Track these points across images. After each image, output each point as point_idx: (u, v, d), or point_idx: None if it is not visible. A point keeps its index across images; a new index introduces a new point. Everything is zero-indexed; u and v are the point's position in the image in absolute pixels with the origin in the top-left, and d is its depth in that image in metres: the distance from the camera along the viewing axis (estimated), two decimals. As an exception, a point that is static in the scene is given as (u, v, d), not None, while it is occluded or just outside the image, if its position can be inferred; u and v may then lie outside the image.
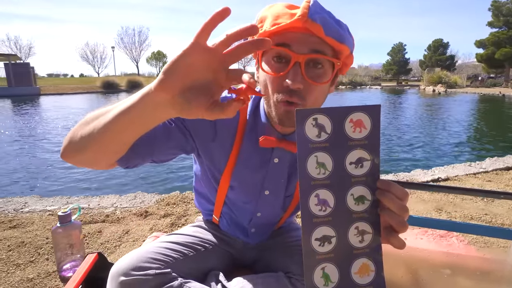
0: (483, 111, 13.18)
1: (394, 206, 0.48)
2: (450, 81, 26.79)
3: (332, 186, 0.48)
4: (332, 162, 0.48)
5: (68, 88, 24.81)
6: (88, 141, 0.53)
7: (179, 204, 2.15)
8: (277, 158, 0.77)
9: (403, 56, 47.03)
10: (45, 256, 1.51)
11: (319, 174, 0.48)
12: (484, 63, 33.57)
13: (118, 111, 0.48)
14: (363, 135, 0.47)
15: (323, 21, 0.58)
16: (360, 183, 0.49)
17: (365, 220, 0.50)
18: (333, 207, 0.48)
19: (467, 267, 1.14)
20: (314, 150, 0.47)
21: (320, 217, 0.48)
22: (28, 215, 2.02)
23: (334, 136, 0.47)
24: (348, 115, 0.47)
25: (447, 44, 42.00)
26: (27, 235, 1.70)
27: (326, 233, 0.49)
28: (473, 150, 5.83)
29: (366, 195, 0.49)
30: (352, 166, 0.48)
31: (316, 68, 0.62)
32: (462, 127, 8.19)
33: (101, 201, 2.19)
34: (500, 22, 30.63)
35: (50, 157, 4.95)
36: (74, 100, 17.03)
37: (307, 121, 0.46)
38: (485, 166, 3.11)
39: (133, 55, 43.09)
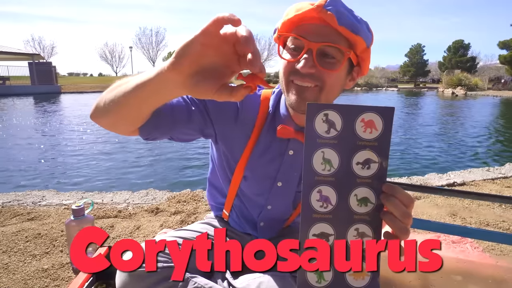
0: (503, 115, 12.68)
1: (398, 212, 0.47)
2: (471, 83, 25.92)
3: (336, 184, 0.48)
4: (339, 160, 0.47)
5: (87, 87, 25.56)
6: (110, 107, 0.57)
7: (189, 202, 2.18)
8: (292, 150, 0.79)
9: (421, 58, 45.82)
10: (60, 248, 1.57)
11: (324, 170, 0.47)
12: (507, 65, 32.25)
13: (135, 83, 0.51)
14: (373, 136, 0.46)
15: (338, 12, 0.61)
16: (365, 184, 0.48)
17: (366, 223, 0.49)
18: (334, 205, 0.48)
19: (479, 274, 1.10)
20: (322, 145, 0.47)
21: (320, 213, 0.48)
22: (45, 208, 2.09)
23: (344, 134, 0.46)
24: (360, 115, 0.46)
25: (468, 45, 40.62)
26: (44, 228, 1.76)
27: (324, 230, 0.49)
28: (493, 154, 5.62)
29: (370, 198, 0.48)
30: (359, 167, 0.47)
31: (327, 57, 0.64)
32: (481, 131, 7.91)
33: (114, 197, 2.25)
34: (526, 23, 29.35)
35: (69, 153, 5.12)
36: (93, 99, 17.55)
37: (317, 116, 0.46)
38: (505, 171, 3.00)
39: (150, 55, 44.05)
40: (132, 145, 5.74)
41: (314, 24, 0.63)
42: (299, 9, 0.65)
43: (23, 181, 3.65)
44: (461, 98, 20.61)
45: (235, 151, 0.81)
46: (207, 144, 0.88)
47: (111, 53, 47.81)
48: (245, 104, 0.78)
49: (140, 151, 5.32)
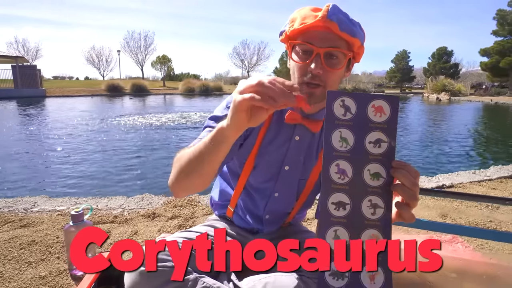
0: (487, 119, 13.12)
1: (408, 182, 0.54)
2: (454, 89, 26.75)
3: (352, 159, 0.55)
4: (354, 139, 0.55)
5: (73, 91, 25.03)
6: (191, 171, 0.70)
7: (186, 207, 2.17)
8: (298, 136, 0.86)
9: (407, 64, 47.01)
10: (56, 255, 1.54)
11: (341, 147, 0.55)
12: (488, 72, 33.48)
13: (207, 152, 0.66)
14: (382, 120, 0.55)
15: (339, 20, 0.73)
16: (376, 161, 0.55)
17: (378, 195, 0.55)
18: (350, 177, 0.55)
19: (473, 271, 1.15)
20: (339, 126, 0.54)
21: (338, 184, 0.55)
22: (37, 214, 2.05)
23: (358, 117, 0.55)
24: (371, 101, 0.55)
25: (451, 52, 41.99)
26: (38, 234, 1.73)
27: (341, 200, 0.55)
28: (478, 158, 5.81)
29: (381, 173, 0.55)
30: (371, 145, 0.55)
31: (332, 59, 0.76)
32: (466, 135, 8.17)
33: (109, 202, 2.22)
34: (505, 31, 30.62)
35: (57, 157, 5.01)
36: (80, 102, 17.21)
37: (336, 101, 0.54)
38: (490, 174, 3.12)
39: (138, 59, 43.46)
40: (122, 150, 5.66)
41: (319, 31, 0.75)
42: (304, 17, 0.76)
43: (11, 188, 3.55)
44: (445, 103, 21.22)
45: (248, 146, 0.88)
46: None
47: (98, 57, 46.93)
48: None
49: (131, 155, 5.26)
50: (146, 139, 6.80)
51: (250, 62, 46.79)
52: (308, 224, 1.96)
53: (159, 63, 41.24)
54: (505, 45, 30.21)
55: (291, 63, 0.82)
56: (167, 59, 41.49)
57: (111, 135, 7.19)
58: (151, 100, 19.85)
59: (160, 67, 41.53)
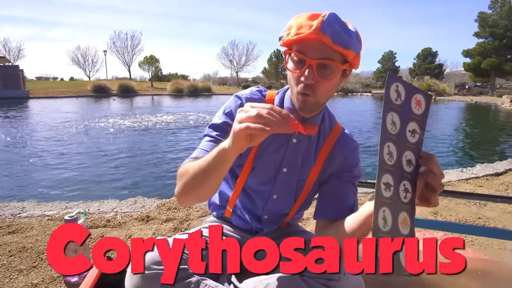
0: (470, 118, 13.52)
1: (438, 170, 0.59)
2: (439, 89, 27.44)
3: (397, 143, 0.58)
4: (400, 124, 0.58)
5: (58, 92, 24.44)
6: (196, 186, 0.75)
7: (180, 209, 2.15)
8: (295, 139, 0.88)
9: (393, 64, 47.96)
10: (48, 262, 1.50)
11: (392, 130, 0.57)
12: (471, 72, 34.49)
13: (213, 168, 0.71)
14: (419, 112, 0.59)
15: (332, 32, 0.72)
16: (411, 149, 0.59)
17: (409, 180, 0.59)
18: (395, 160, 0.57)
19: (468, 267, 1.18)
20: (392, 110, 0.57)
21: (388, 166, 0.57)
22: (26, 220, 1.99)
23: (404, 105, 0.58)
24: (415, 94, 0.59)
25: (435, 53, 43.01)
26: (28, 240, 1.68)
27: (388, 181, 0.57)
28: (465, 156, 5.98)
29: (412, 160, 0.59)
30: (409, 134, 0.59)
31: (325, 69, 0.76)
32: (453, 134, 8.39)
33: (101, 206, 2.18)
34: (486, 33, 31.59)
35: (42, 161, 4.87)
36: (66, 104, 16.80)
37: (392, 85, 0.57)
38: (476, 172, 3.21)
39: (125, 60, 42.70)
40: (110, 152, 5.56)
41: (313, 42, 0.74)
42: (299, 26, 0.75)
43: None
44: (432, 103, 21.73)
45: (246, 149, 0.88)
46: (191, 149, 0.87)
47: (84, 57, 45.87)
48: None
49: (121, 158, 5.17)
50: (133, 141, 6.70)
51: (238, 63, 46.76)
52: (303, 224, 1.97)
53: (147, 63, 40.69)
54: (487, 47, 31.18)
55: (287, 73, 0.85)
56: (155, 59, 40.98)
57: (97, 137, 7.05)
58: (139, 101, 19.58)
59: (148, 67, 40.99)
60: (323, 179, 0.92)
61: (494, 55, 30.69)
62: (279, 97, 0.91)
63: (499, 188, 2.81)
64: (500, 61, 30.67)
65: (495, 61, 30.37)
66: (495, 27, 30.82)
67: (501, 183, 2.94)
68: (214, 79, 56.99)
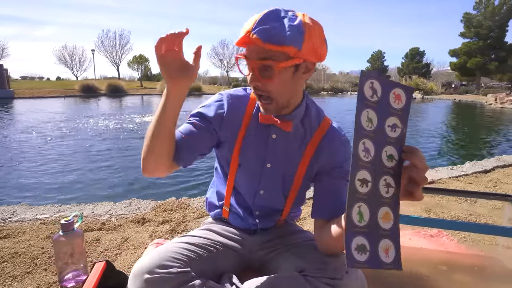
0: (459, 117, 13.83)
1: (420, 164, 0.59)
2: (427, 88, 27.98)
3: (374, 139, 0.58)
4: (377, 120, 0.58)
5: (44, 92, 23.87)
6: (149, 146, 0.78)
7: (176, 210, 2.14)
8: (274, 134, 0.89)
9: (382, 64, 48.68)
10: (43, 267, 1.46)
11: (368, 126, 0.58)
12: (457, 71, 35.30)
13: (156, 116, 0.77)
14: (399, 107, 0.60)
15: (262, 32, 0.72)
16: (391, 143, 0.60)
17: (391, 175, 0.59)
18: (373, 156, 0.58)
19: (462, 263, 1.22)
20: (367, 106, 0.57)
21: (364, 162, 0.58)
22: (17, 224, 1.94)
23: (382, 100, 0.58)
24: (393, 88, 0.59)
25: (423, 53, 43.84)
26: (20, 245, 1.64)
27: (365, 177, 0.58)
28: (455, 154, 6.12)
29: (394, 155, 0.60)
30: (389, 129, 0.59)
31: (266, 70, 0.77)
32: (442, 132, 8.57)
33: (95, 209, 2.14)
34: (471, 33, 32.39)
35: (33, 164, 4.76)
36: (52, 104, 16.42)
37: (366, 82, 0.57)
38: (466, 169, 3.29)
39: (114, 59, 41.99)
40: (101, 153, 5.47)
41: (248, 45, 0.77)
42: (243, 30, 0.76)
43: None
44: (419, 102, 22.16)
45: (230, 144, 0.92)
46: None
47: (71, 56, 44.75)
48: (232, 105, 0.91)
49: (112, 159, 5.09)
50: (123, 141, 6.60)
51: (229, 62, 46.55)
52: (301, 223, 1.98)
53: (136, 63, 40.10)
54: (472, 47, 31.97)
55: None
56: (144, 59, 40.43)
57: (85, 138, 6.93)
58: (128, 101, 19.30)
59: (137, 67, 40.41)
60: (311, 174, 0.92)
61: (479, 54, 31.50)
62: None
63: (488, 185, 2.89)
64: (484, 60, 31.50)
65: (480, 60, 31.18)
66: (480, 28, 31.61)
67: (490, 180, 3.02)
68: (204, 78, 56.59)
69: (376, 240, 0.60)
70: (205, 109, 0.90)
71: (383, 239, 0.60)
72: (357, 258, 0.58)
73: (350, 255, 0.58)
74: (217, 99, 0.92)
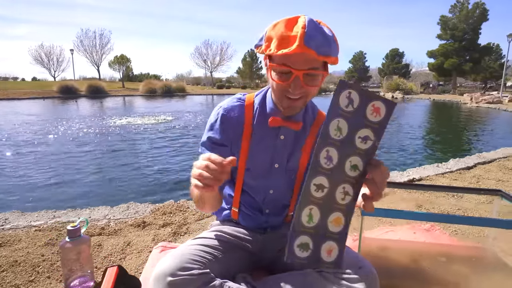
0: (436, 116, 14.35)
1: (379, 180, 0.62)
2: (407, 88, 28.85)
3: (340, 148, 0.60)
4: (347, 130, 0.59)
5: (20, 93, 22.88)
6: (201, 207, 0.90)
7: (176, 213, 2.13)
8: (283, 135, 0.93)
9: (363, 64, 49.79)
10: (46, 275, 1.43)
11: (335, 135, 0.59)
12: (435, 72, 36.64)
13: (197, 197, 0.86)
14: (376, 120, 0.59)
15: (316, 45, 0.74)
16: (359, 155, 0.61)
17: (351, 184, 0.62)
18: (334, 164, 0.60)
19: (459, 255, 1.29)
20: (339, 116, 0.58)
21: (323, 169, 0.61)
22: (11, 232, 1.88)
23: (357, 111, 0.58)
24: (373, 101, 0.58)
25: (402, 54, 45.15)
26: (18, 254, 1.59)
27: (322, 182, 0.61)
28: (439, 151, 6.35)
29: (359, 166, 0.62)
30: (359, 140, 0.60)
31: (312, 78, 0.80)
32: (425, 130, 8.88)
33: (92, 213, 2.10)
34: (448, 35, 33.70)
35: (20, 169, 4.57)
36: (29, 105, 15.77)
37: (343, 92, 0.57)
38: (450, 166, 3.45)
39: (94, 59, 40.76)
40: (87, 156, 5.33)
41: (298, 54, 0.75)
42: (280, 38, 0.75)
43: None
44: (400, 101, 22.83)
45: (236, 152, 0.94)
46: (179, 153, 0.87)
47: (48, 56, 43.15)
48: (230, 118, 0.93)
49: (103, 161, 4.97)
50: (110, 143, 6.46)
51: (213, 62, 46.24)
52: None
53: (117, 63, 39.14)
54: (448, 48, 33.26)
55: (269, 78, 0.87)
56: (126, 59, 39.52)
57: (68, 140, 6.72)
58: (109, 102, 18.82)
59: (119, 67, 39.44)
60: None
61: (455, 56, 32.82)
62: (258, 100, 0.95)
63: (472, 181, 3.04)
64: (460, 61, 32.87)
65: (456, 61, 32.50)
66: (455, 30, 32.94)
67: (473, 176, 3.18)
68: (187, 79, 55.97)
69: (321, 241, 0.65)
70: (211, 133, 0.95)
71: (328, 241, 0.65)
72: (298, 255, 0.64)
73: (292, 251, 0.64)
74: (216, 116, 0.94)
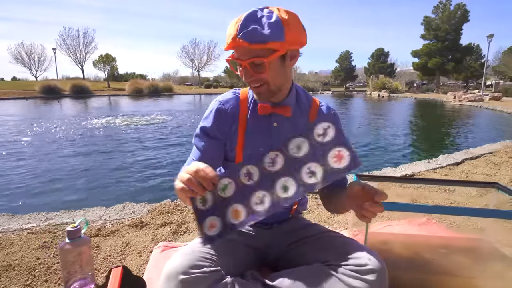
0: (423, 114, 14.71)
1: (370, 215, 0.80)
2: (392, 87, 29.46)
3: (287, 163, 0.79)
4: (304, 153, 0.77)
5: (0, 93, 22.08)
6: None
7: (173, 212, 2.10)
8: (275, 122, 0.96)
9: (350, 63, 50.46)
10: (43, 278, 1.38)
11: (292, 150, 0.79)
12: (419, 71, 37.55)
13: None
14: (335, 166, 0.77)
15: (247, 35, 0.80)
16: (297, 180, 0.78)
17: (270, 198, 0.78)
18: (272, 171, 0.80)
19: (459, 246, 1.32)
20: (308, 137, 0.77)
21: (263, 168, 0.79)
22: (1, 235, 1.80)
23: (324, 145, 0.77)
24: (341, 148, 0.78)
25: (387, 53, 46.04)
26: (12, 258, 1.53)
27: (253, 172, 0.79)
28: (428, 148, 6.51)
29: (289, 189, 0.78)
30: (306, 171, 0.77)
31: (257, 66, 0.86)
32: (413, 127, 9.08)
33: (87, 215, 2.04)
34: (431, 35, 34.60)
35: (6, 171, 4.41)
36: (10, 106, 15.23)
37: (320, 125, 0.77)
38: (440, 162, 3.53)
39: (78, 58, 39.67)
40: (81, 156, 5.19)
41: (237, 47, 0.84)
42: (228, 35, 0.84)
43: None
44: (386, 100, 23.28)
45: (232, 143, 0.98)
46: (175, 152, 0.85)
47: (29, 55, 41.68)
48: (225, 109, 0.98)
49: (97, 161, 4.85)
50: (99, 142, 6.31)
51: (200, 62, 45.89)
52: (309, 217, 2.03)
53: (102, 62, 38.30)
54: (432, 48, 34.16)
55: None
56: (111, 58, 38.72)
57: (57, 140, 6.53)
58: (94, 102, 18.40)
59: (104, 66, 38.60)
60: None
61: (438, 55, 33.75)
62: (251, 92, 1.01)
63: (461, 176, 3.13)
64: (443, 61, 33.83)
65: (439, 61, 33.43)
66: (438, 30, 33.84)
67: (462, 171, 3.27)
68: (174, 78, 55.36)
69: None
70: (204, 122, 0.99)
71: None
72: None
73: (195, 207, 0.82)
74: (212, 107, 0.99)
